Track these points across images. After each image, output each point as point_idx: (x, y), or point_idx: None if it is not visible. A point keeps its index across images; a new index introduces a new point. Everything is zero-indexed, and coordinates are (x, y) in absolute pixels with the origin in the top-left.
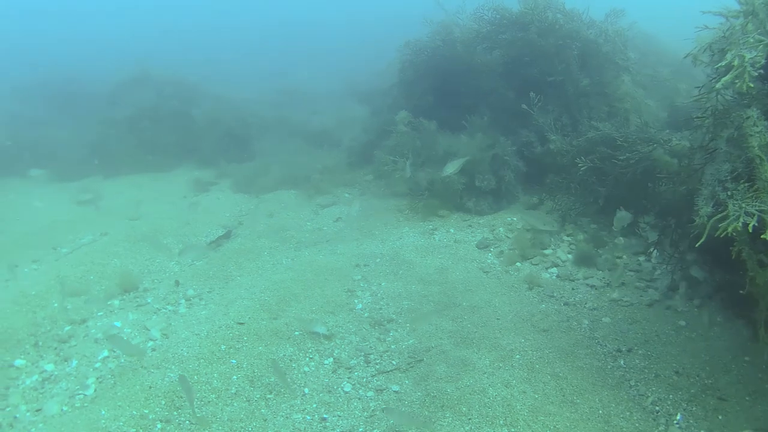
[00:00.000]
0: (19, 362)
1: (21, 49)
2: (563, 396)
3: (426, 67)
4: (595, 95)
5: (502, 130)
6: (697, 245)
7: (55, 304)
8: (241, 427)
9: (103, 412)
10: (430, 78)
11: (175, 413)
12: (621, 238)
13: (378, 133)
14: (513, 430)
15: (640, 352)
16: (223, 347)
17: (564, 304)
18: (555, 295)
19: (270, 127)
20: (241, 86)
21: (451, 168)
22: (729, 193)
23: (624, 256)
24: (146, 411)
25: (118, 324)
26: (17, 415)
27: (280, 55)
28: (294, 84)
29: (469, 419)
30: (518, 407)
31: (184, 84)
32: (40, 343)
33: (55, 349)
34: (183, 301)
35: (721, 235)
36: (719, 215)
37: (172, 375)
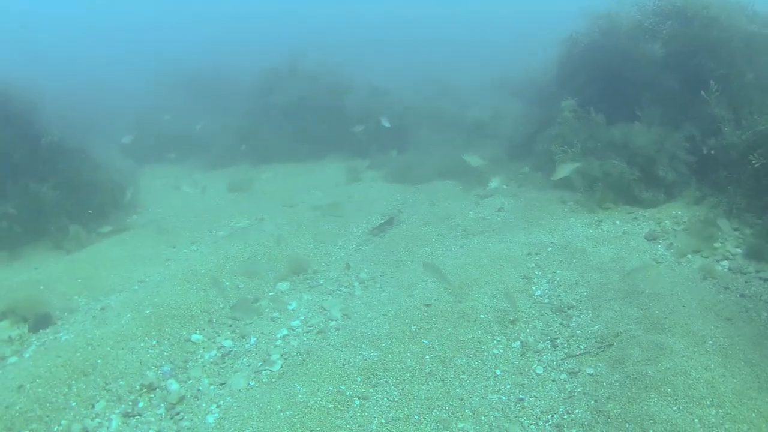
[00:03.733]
0: (195, 337)
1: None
2: (759, 382)
3: (585, 60)
4: (760, 90)
5: (665, 122)
6: None
7: (227, 283)
8: (439, 405)
9: (299, 387)
10: (590, 70)
11: (371, 390)
12: None
13: (538, 125)
14: (721, 411)
15: None
16: (413, 327)
17: (740, 296)
18: (730, 287)
19: (423, 118)
20: (393, 78)
21: (563, 171)
22: None
23: None
24: (343, 387)
25: (293, 305)
26: (200, 388)
27: (431, 48)
28: (445, 77)
29: (675, 400)
30: (722, 389)
31: (336, 74)
32: (215, 320)
33: (230, 326)
34: (357, 283)
35: None
36: None
37: (364, 353)
